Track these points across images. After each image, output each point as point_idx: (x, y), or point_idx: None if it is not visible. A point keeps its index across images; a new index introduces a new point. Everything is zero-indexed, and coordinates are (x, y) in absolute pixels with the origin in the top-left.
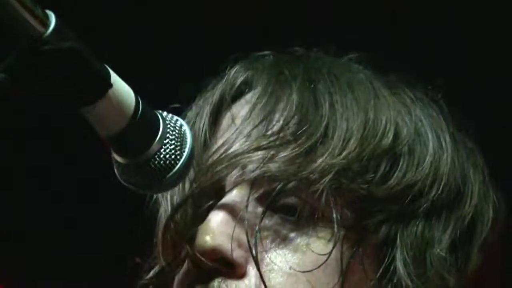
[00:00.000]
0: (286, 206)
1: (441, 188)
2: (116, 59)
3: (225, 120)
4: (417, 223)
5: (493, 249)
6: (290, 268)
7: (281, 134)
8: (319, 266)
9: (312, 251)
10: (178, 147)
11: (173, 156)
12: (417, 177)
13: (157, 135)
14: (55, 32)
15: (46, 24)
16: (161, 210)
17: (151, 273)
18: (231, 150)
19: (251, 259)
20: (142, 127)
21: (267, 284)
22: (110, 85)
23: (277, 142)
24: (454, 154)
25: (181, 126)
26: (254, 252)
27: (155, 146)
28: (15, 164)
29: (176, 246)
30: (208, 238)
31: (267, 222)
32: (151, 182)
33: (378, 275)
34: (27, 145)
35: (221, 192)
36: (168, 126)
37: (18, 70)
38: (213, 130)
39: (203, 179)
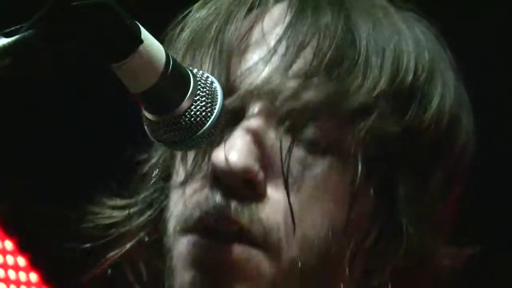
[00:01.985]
0: (311, 137)
1: (441, 128)
2: None
3: (256, 33)
4: (417, 159)
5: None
6: (308, 196)
7: (316, 65)
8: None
9: (329, 181)
10: (209, 104)
11: (203, 113)
12: (425, 117)
13: (187, 92)
14: None
15: None
16: None
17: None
18: (264, 73)
19: (272, 183)
20: (173, 84)
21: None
22: (141, 41)
23: (312, 73)
24: (455, 98)
25: (211, 82)
26: (285, 174)
27: (185, 102)
28: None
29: (195, 159)
30: (235, 157)
31: (292, 151)
32: (181, 139)
33: (379, 207)
34: None
35: (248, 113)
36: (199, 82)
37: (49, 26)
38: (244, 38)
39: (234, 101)
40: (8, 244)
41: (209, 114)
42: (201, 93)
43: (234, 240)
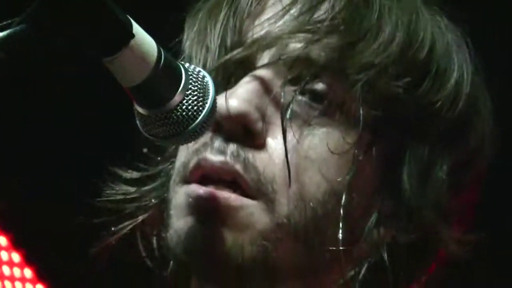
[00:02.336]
0: (316, 92)
1: (456, 112)
2: None
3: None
4: (428, 141)
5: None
6: (307, 152)
7: (328, 22)
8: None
9: (331, 141)
10: (201, 98)
11: (195, 107)
12: (439, 96)
13: (179, 86)
14: None
15: None
16: None
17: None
18: (276, 26)
19: (271, 133)
20: (165, 78)
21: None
22: (132, 35)
23: (324, 29)
24: (472, 84)
25: (203, 77)
26: (284, 124)
27: (177, 97)
28: None
29: None
30: (235, 102)
31: (294, 103)
32: (173, 133)
33: (382, 179)
34: None
35: (254, 65)
36: (191, 77)
37: (41, 20)
38: (260, 2)
39: (243, 50)
40: (3, 240)
41: (201, 108)
42: (193, 87)
43: (228, 188)
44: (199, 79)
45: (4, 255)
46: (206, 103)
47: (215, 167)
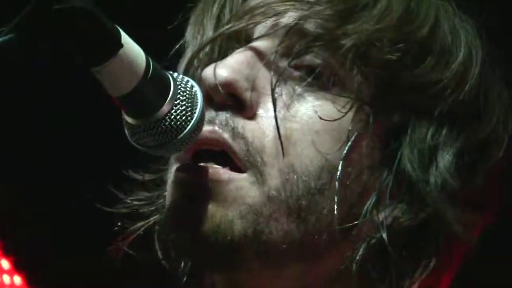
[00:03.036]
0: (309, 65)
1: (462, 95)
2: None
3: None
4: (432, 121)
5: (496, 179)
6: (299, 123)
7: None
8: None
9: (323, 113)
10: (189, 108)
11: (183, 117)
12: (442, 76)
13: (168, 96)
14: None
15: None
16: (188, 50)
17: None
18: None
19: (262, 104)
20: (153, 88)
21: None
22: (120, 45)
23: (319, 2)
24: (482, 70)
25: (192, 87)
26: (273, 94)
27: (166, 106)
28: None
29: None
30: (224, 71)
31: (287, 76)
32: (161, 143)
33: (382, 157)
34: None
35: (250, 38)
36: (179, 86)
37: (28, 29)
38: None
39: (237, 22)
40: None
41: (189, 118)
42: (181, 97)
43: (217, 161)
44: (188, 89)
45: None
46: (195, 112)
47: (203, 137)
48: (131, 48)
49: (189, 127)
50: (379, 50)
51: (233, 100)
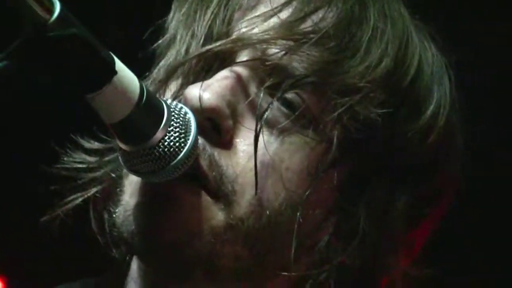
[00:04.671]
0: (291, 103)
1: (426, 147)
2: None
3: None
4: (393, 173)
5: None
6: (273, 159)
7: (317, 34)
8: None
9: (296, 153)
10: (183, 135)
11: (177, 144)
12: (413, 126)
13: (161, 123)
14: (59, 19)
15: (50, 11)
16: (172, 51)
17: None
18: (263, 26)
19: (239, 134)
20: (147, 114)
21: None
22: (114, 72)
23: (310, 39)
24: (447, 123)
25: (185, 113)
26: (257, 131)
27: (159, 133)
28: None
29: (175, 93)
30: (208, 95)
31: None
32: (155, 169)
33: (339, 203)
34: None
35: (234, 59)
36: (173, 113)
37: (23, 57)
38: None
39: (225, 44)
40: None
41: (182, 144)
42: (175, 124)
43: (190, 180)
44: (181, 115)
45: None
46: (188, 139)
47: None
48: (125, 74)
49: (182, 153)
50: (365, 103)
51: (212, 125)
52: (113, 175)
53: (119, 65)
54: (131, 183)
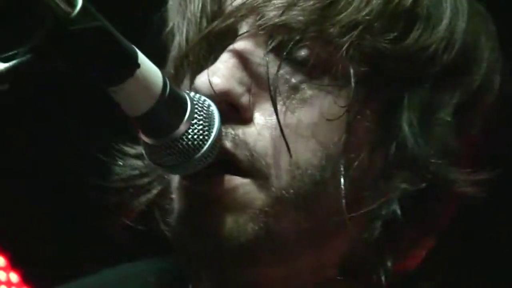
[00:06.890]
0: (300, 59)
1: (453, 53)
2: None
3: None
4: (426, 86)
5: (493, 119)
6: (298, 120)
7: None
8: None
9: (321, 105)
10: (206, 127)
11: (201, 137)
12: (432, 40)
13: (185, 115)
14: (82, 12)
15: (73, 4)
16: (175, 43)
17: None
18: None
19: (259, 106)
20: (170, 107)
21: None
22: (137, 65)
23: None
24: (469, 20)
25: (208, 106)
26: (272, 95)
27: (183, 126)
28: None
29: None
30: (218, 80)
31: (280, 73)
32: (179, 162)
33: (382, 133)
34: None
35: (235, 36)
36: (196, 106)
37: (45, 50)
38: None
39: (221, 21)
40: None
41: (206, 137)
42: (198, 117)
43: (220, 170)
44: (205, 108)
45: None
46: (212, 132)
47: None
48: (148, 67)
49: (206, 146)
50: (369, 35)
51: (229, 106)
52: (166, 176)
53: (142, 58)
54: (175, 191)
